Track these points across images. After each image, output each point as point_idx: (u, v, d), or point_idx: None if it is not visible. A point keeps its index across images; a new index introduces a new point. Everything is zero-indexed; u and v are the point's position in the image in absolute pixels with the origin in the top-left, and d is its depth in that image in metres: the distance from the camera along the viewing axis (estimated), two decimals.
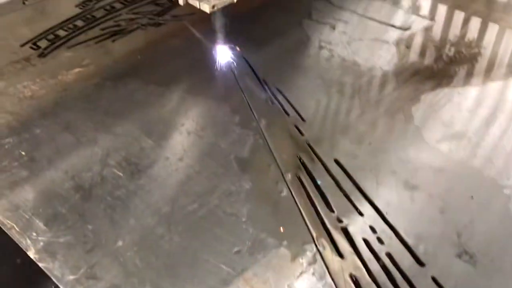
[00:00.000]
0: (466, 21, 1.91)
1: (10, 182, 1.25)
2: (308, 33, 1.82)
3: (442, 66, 1.68)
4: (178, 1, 1.53)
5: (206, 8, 1.49)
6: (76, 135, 1.39)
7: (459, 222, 1.18)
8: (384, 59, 1.71)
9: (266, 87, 1.58)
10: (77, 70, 1.60)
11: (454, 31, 1.85)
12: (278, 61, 1.70)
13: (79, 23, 1.80)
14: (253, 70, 1.65)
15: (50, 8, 1.87)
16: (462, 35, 1.83)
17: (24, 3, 1.65)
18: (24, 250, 1.10)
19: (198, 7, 1.51)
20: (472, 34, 1.84)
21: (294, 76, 1.64)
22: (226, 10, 1.57)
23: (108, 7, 1.88)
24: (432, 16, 1.93)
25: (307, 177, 1.27)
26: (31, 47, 1.69)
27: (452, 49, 1.76)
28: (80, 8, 1.87)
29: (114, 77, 1.58)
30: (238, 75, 1.62)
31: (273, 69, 1.66)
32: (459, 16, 1.95)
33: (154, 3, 1.91)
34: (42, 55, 1.65)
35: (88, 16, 1.84)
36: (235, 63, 1.67)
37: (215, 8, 1.50)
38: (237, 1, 1.90)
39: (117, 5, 1.90)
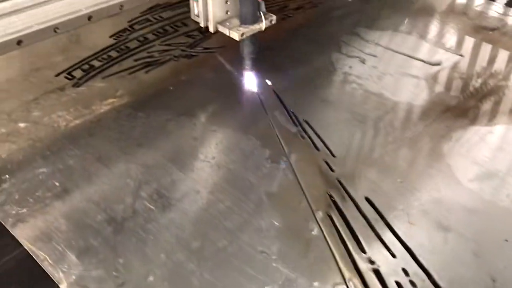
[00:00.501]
0: (494, 56, 1.90)
1: (44, 213, 1.27)
2: (337, 66, 1.83)
3: (472, 102, 1.67)
4: (208, 29, 1.56)
5: (236, 36, 1.52)
6: (108, 166, 1.41)
7: (493, 266, 1.16)
8: (414, 94, 1.71)
9: (295, 120, 1.59)
10: (110, 100, 1.63)
11: (483, 66, 1.84)
12: (307, 94, 1.71)
13: (113, 53, 1.84)
14: (282, 103, 1.66)
15: (84, 37, 1.91)
16: (491, 70, 1.82)
17: (55, 31, 1.68)
18: (56, 283, 1.11)
19: (228, 34, 1.54)
20: (501, 68, 1.83)
21: (323, 110, 1.65)
22: (254, 37, 1.60)
23: (141, 38, 1.92)
24: (460, 50, 1.93)
25: (338, 216, 1.26)
26: (66, 77, 1.73)
27: (482, 85, 1.75)
28: (114, 39, 1.91)
29: (147, 108, 1.60)
30: (268, 107, 1.64)
31: (302, 101, 1.67)
32: (487, 50, 1.94)
33: (186, 35, 1.95)
34: (76, 85, 1.69)
35: (122, 47, 1.87)
36: (264, 96, 1.68)
37: (244, 35, 1.53)
38: (266, 32, 1.93)
39: (150, 37, 1.94)
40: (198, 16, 1.55)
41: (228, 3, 1.52)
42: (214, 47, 1.90)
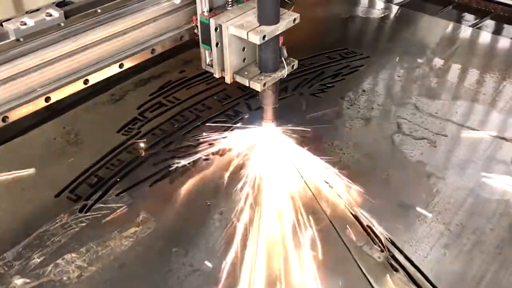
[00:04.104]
0: None
1: None
2: (405, 154, 1.49)
3: None
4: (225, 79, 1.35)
5: (257, 87, 1.31)
6: None
7: None
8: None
9: (378, 242, 1.23)
10: (132, 230, 1.25)
11: None
12: (381, 197, 1.35)
13: (125, 156, 1.45)
14: (353, 215, 1.30)
15: (85, 135, 1.52)
16: None
17: (4, 120, 1.34)
18: None
19: (248, 85, 1.31)
20: None
21: (407, 220, 1.30)
22: (274, 85, 1.35)
23: (157, 131, 1.54)
24: None
25: None
26: (69, 197, 1.33)
27: None
28: (123, 134, 1.52)
29: (183, 238, 1.22)
30: (336, 222, 1.28)
31: (377, 210, 1.31)
32: None
33: (212, 121, 1.57)
34: (84, 209, 1.29)
35: (135, 146, 1.48)
36: (328, 205, 1.32)
37: (266, 85, 1.31)
38: (308, 112, 1.60)
39: (167, 127, 1.55)
40: (210, 65, 1.35)
41: (245, 50, 1.33)
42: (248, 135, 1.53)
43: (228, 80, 1.34)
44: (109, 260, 1.18)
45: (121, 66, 1.68)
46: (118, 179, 1.37)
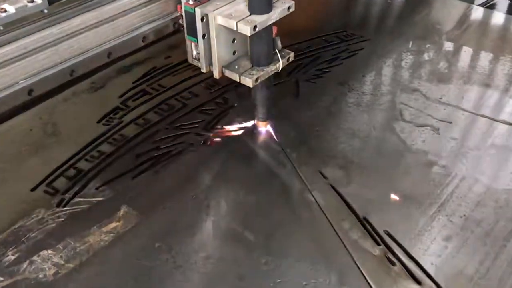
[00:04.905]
0: None
1: None
2: (405, 141, 1.40)
3: None
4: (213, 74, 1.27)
5: (249, 82, 1.23)
6: None
7: None
8: None
9: (374, 234, 1.15)
10: (113, 225, 1.17)
11: None
12: (377, 188, 1.27)
13: (106, 147, 1.37)
14: (348, 205, 1.22)
15: (63, 125, 1.44)
16: None
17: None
18: None
19: (238, 81, 1.24)
20: None
21: (406, 211, 1.22)
22: (268, 80, 1.28)
23: (140, 121, 1.45)
24: None
25: None
26: (46, 191, 1.25)
27: None
28: (104, 124, 1.44)
29: (168, 234, 1.14)
30: (330, 214, 1.20)
31: (374, 201, 1.23)
32: None
33: (199, 110, 1.49)
34: (61, 204, 1.22)
35: (116, 136, 1.40)
36: (322, 197, 1.24)
37: (258, 81, 1.24)
38: (301, 99, 1.51)
39: (152, 117, 1.47)
40: (197, 59, 1.27)
41: (235, 42, 1.25)
42: (239, 125, 1.44)
43: (216, 75, 1.25)
44: (87, 258, 1.10)
45: (109, 55, 1.61)
46: (98, 172, 1.29)
